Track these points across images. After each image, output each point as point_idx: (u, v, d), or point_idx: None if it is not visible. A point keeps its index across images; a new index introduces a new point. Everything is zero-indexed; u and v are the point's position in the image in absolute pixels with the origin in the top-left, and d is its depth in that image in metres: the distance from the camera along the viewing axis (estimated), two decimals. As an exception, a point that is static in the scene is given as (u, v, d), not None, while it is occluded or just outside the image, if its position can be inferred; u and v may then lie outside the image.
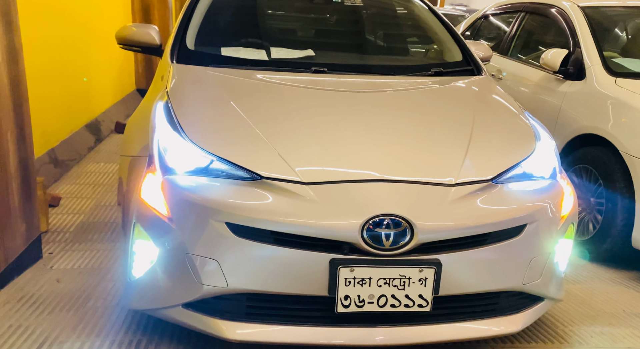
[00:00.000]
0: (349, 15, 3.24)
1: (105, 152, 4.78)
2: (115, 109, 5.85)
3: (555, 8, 3.97)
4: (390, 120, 2.04)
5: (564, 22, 3.80)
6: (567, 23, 3.75)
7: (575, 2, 3.84)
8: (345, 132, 1.93)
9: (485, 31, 5.14)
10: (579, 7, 3.76)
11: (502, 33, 4.74)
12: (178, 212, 1.73)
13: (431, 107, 2.17)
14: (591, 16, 3.69)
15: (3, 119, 2.29)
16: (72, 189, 3.83)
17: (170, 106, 2.04)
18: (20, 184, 2.47)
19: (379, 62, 2.77)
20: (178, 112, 1.99)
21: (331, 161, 1.80)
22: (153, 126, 1.96)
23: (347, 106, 2.11)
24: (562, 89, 3.46)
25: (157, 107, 2.05)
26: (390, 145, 1.89)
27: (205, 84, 2.23)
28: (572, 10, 3.75)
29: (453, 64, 2.76)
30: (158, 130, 1.91)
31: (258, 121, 1.93)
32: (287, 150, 1.81)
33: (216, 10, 2.93)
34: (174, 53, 2.50)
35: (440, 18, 3.13)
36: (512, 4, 4.73)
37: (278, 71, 2.44)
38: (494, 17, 5.09)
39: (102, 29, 5.44)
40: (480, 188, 1.77)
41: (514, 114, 2.22)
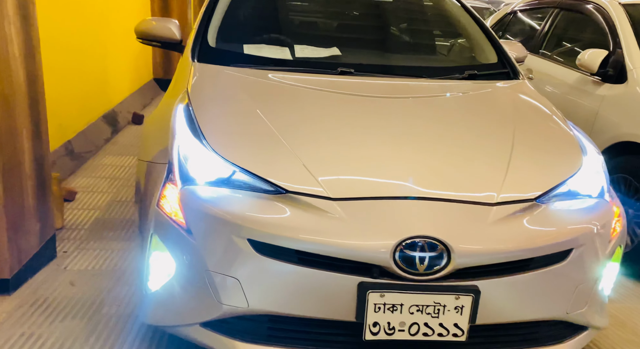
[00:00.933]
0: (376, 10, 3.09)
1: (121, 144, 4.70)
2: (132, 99, 5.77)
3: (593, 4, 3.77)
4: (423, 131, 1.90)
5: (603, 20, 3.60)
6: (606, 21, 3.55)
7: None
8: (376, 144, 1.80)
9: (515, 27, 4.94)
10: (620, 5, 3.56)
11: (533, 30, 4.54)
12: (197, 226, 1.62)
13: (467, 117, 2.03)
14: (633, 14, 3.49)
15: (19, 117, 2.20)
16: (88, 182, 3.76)
17: (191, 109, 1.93)
18: (35, 183, 2.39)
19: (408, 63, 2.63)
20: (199, 116, 1.88)
21: (361, 175, 1.68)
22: (173, 130, 1.86)
23: (377, 114, 1.97)
24: (600, 92, 3.29)
25: (177, 110, 1.95)
26: (424, 159, 1.76)
27: (227, 86, 2.12)
28: (612, 8, 3.56)
29: (487, 66, 2.61)
30: (179, 136, 1.81)
31: (283, 129, 1.81)
32: (314, 162, 1.69)
33: (238, 5, 2.80)
34: (195, 51, 2.38)
35: (473, 15, 2.96)
36: None
37: (302, 72, 2.32)
38: (524, 12, 4.88)
39: (119, 18, 5.35)
40: (523, 208, 1.64)
41: (558, 125, 2.07)
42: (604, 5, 3.64)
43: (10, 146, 2.15)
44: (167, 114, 2.05)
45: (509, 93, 2.31)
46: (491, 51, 2.72)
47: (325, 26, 2.98)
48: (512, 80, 2.47)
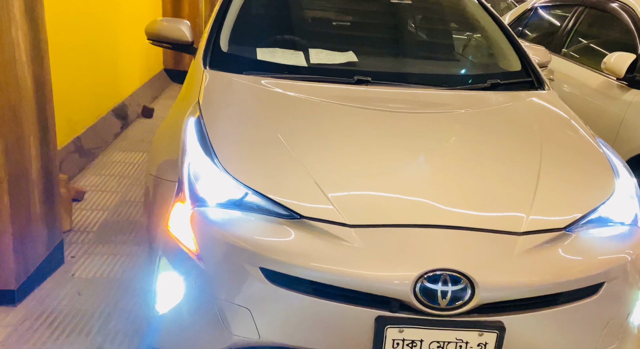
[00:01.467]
0: (392, 11, 2.97)
1: (131, 139, 4.64)
2: (142, 91, 5.70)
3: (619, 4, 3.62)
4: (445, 152, 1.80)
5: (631, 21, 3.46)
6: (634, 22, 3.41)
7: (644, -1, 3.49)
8: (396, 166, 1.71)
9: (535, 24, 4.78)
10: (649, 5, 3.42)
11: (554, 28, 4.39)
12: (208, 251, 1.55)
13: (491, 135, 1.92)
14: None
15: (26, 124, 2.14)
16: (96, 181, 3.71)
17: (202, 123, 1.85)
18: (42, 190, 2.33)
19: (427, 70, 2.51)
20: (211, 132, 1.79)
21: (380, 200, 1.60)
22: (184, 146, 1.78)
23: (397, 132, 1.87)
24: (626, 97, 3.16)
25: (188, 123, 1.86)
26: (447, 183, 1.66)
27: (240, 99, 2.02)
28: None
29: (511, 74, 2.49)
30: (189, 153, 1.73)
31: (299, 149, 1.73)
32: (331, 185, 1.60)
33: (250, 6, 2.70)
34: (207, 57, 2.29)
35: (496, 18, 2.84)
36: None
37: (318, 81, 2.22)
38: (545, 9, 4.72)
39: (131, 8, 5.25)
40: (551, 238, 1.55)
41: (588, 143, 1.96)
42: (632, 5, 3.50)
43: (17, 155, 2.09)
44: (177, 125, 1.97)
45: (535, 107, 2.20)
46: (514, 58, 2.60)
47: (340, 28, 2.87)
48: (537, 91, 2.36)
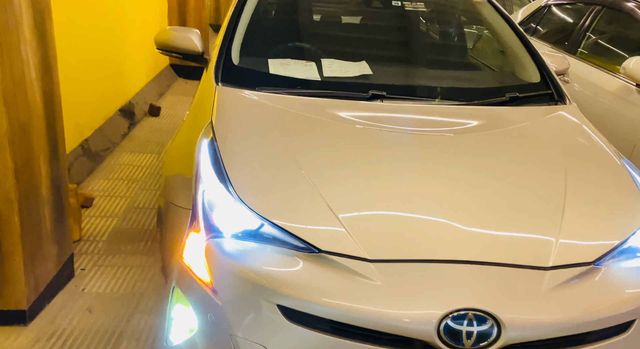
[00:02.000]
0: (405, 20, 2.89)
1: (139, 139, 4.59)
2: (149, 88, 5.64)
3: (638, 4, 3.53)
4: (465, 177, 1.73)
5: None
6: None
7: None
8: (416, 194, 1.65)
9: (549, 23, 4.67)
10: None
11: (569, 27, 4.28)
12: (223, 285, 1.52)
13: (513, 159, 1.86)
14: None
15: (36, 142, 2.09)
16: (105, 185, 3.67)
17: (216, 146, 1.80)
18: (52, 207, 2.30)
19: (444, 83, 2.44)
20: (225, 156, 1.75)
21: (401, 232, 1.55)
22: (198, 171, 1.73)
23: (416, 156, 1.81)
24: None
25: (202, 146, 1.81)
26: (469, 212, 1.61)
27: (253, 119, 1.97)
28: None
29: (530, 86, 2.42)
30: (204, 180, 1.68)
31: (315, 175, 1.68)
32: (350, 217, 1.56)
33: (261, 15, 2.64)
34: (219, 72, 2.24)
35: (513, 25, 2.76)
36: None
37: (332, 97, 2.16)
38: (560, 7, 4.62)
39: (136, 3, 5.17)
40: (580, 273, 1.50)
41: (614, 166, 1.89)
42: (652, 7, 3.40)
43: (28, 174, 2.05)
44: (189, 145, 1.92)
45: (557, 126, 2.12)
46: (533, 68, 2.53)
47: (352, 35, 2.80)
48: (558, 105, 2.29)
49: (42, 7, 2.03)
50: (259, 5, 2.66)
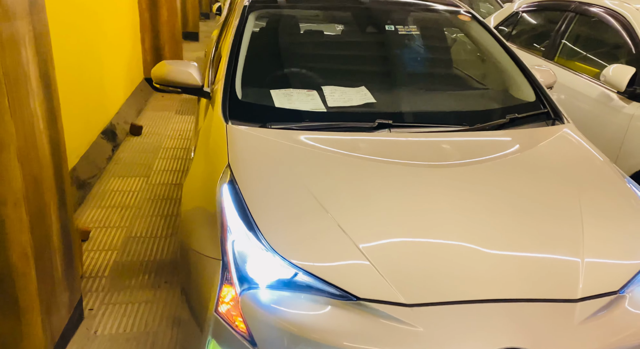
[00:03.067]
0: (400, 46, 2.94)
1: (124, 162, 4.53)
2: (128, 106, 5.55)
3: (614, 14, 3.66)
4: (486, 209, 1.77)
5: (625, 31, 3.50)
6: (629, 35, 3.45)
7: (639, 9, 3.53)
8: (442, 229, 1.69)
9: (523, 29, 4.79)
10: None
11: (544, 34, 4.41)
12: (261, 337, 1.53)
13: (529, 187, 1.91)
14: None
15: (47, 191, 2.05)
16: (98, 215, 3.61)
17: (238, 191, 1.80)
18: (63, 254, 2.26)
19: (446, 107, 2.49)
20: (249, 202, 1.75)
21: (434, 273, 1.59)
22: (224, 220, 1.73)
23: (436, 189, 1.84)
24: (628, 110, 3.21)
25: (223, 192, 1.81)
26: (494, 245, 1.66)
27: (271, 159, 1.96)
28: (637, 21, 3.45)
29: (527, 106, 2.50)
30: (232, 230, 1.69)
31: (341, 217, 1.70)
32: (383, 260, 1.59)
33: (258, 47, 2.63)
34: (226, 108, 2.23)
35: (502, 43, 2.84)
36: (556, 1, 4.39)
37: (341, 129, 2.19)
38: (532, 14, 4.74)
39: (110, 21, 5.07)
40: (608, 302, 1.57)
41: (621, 186, 1.97)
42: (627, 15, 3.53)
43: (41, 226, 2.01)
44: (207, 189, 1.92)
45: (563, 148, 2.18)
46: (527, 86, 2.61)
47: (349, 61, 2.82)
48: (558, 126, 2.37)
49: (46, 55, 1.99)
50: (254, 35, 2.66)
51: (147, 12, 6.35)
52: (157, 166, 4.47)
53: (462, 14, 2.95)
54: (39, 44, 1.92)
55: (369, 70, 2.74)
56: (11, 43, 1.70)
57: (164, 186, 4.11)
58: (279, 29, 2.88)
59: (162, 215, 3.65)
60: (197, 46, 10.26)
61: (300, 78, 2.64)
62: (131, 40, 5.95)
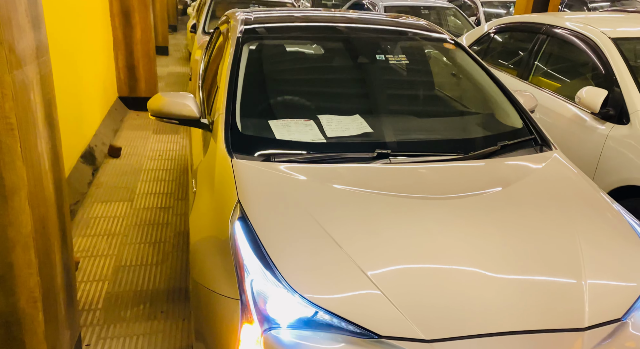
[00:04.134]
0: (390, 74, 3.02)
1: (106, 186, 4.47)
2: (104, 127, 5.48)
3: (582, 37, 3.84)
4: (491, 240, 1.84)
5: (595, 55, 3.68)
6: (598, 57, 3.63)
7: (605, 33, 3.72)
8: (455, 262, 1.76)
9: (496, 50, 4.96)
10: (611, 40, 3.65)
11: (517, 55, 4.59)
12: (288, 375, 1.56)
13: (528, 216, 1.98)
14: (625, 50, 3.58)
15: (52, 232, 2.03)
16: (85, 244, 3.56)
17: (252, 229, 1.83)
18: (66, 292, 2.23)
19: (441, 135, 2.58)
20: (264, 239, 1.78)
21: (451, 305, 1.65)
22: (239, 259, 1.75)
23: (442, 224, 1.89)
24: (602, 131, 3.38)
25: (236, 230, 1.84)
26: (504, 275, 1.74)
27: (280, 194, 1.98)
28: (603, 44, 3.63)
29: (515, 132, 2.61)
30: (250, 270, 1.71)
31: (355, 252, 1.75)
32: (401, 296, 1.64)
33: (252, 76, 2.67)
34: (229, 143, 2.26)
35: (484, 68, 2.96)
36: (526, 23, 4.57)
37: (342, 160, 2.24)
38: (504, 35, 4.92)
39: (85, 40, 5.01)
40: (612, 330, 1.66)
41: (614, 214, 2.09)
42: (595, 40, 3.71)
43: (48, 267, 1.99)
44: (218, 225, 1.94)
45: (555, 176, 2.29)
46: (513, 113, 2.73)
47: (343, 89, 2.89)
48: (547, 152, 2.48)
49: (50, 96, 1.98)
50: (249, 66, 2.70)
51: (121, 30, 6.29)
52: (140, 189, 4.43)
53: (448, 41, 3.06)
54: (44, 85, 1.91)
55: (362, 98, 2.81)
56: (22, 89, 1.69)
57: (149, 211, 4.07)
58: (272, 60, 2.92)
59: (150, 242, 3.63)
60: (167, 61, 10.19)
61: (296, 107, 2.69)
62: (105, 59, 5.89)
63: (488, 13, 10.31)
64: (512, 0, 10.64)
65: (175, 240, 3.65)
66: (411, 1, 8.10)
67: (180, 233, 3.75)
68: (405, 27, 3.13)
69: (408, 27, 3.12)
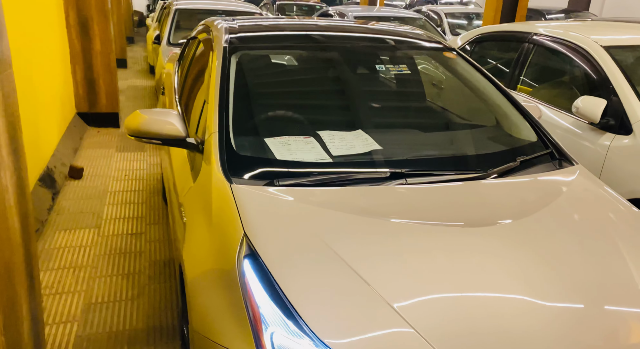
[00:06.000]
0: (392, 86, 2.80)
1: (68, 212, 4.06)
2: (63, 146, 5.05)
3: (572, 45, 3.74)
4: (530, 268, 1.62)
5: (587, 64, 3.58)
6: (592, 66, 3.53)
7: (597, 41, 3.62)
8: (496, 304, 1.52)
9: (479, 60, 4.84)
10: (603, 48, 3.55)
11: (502, 64, 4.48)
12: None
13: (569, 239, 1.79)
14: (619, 58, 3.49)
15: (17, 278, 1.69)
16: (48, 280, 3.16)
17: (264, 267, 1.55)
18: (32, 334, 1.88)
19: (454, 151, 2.36)
20: (281, 280, 1.51)
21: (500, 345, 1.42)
22: (254, 308, 1.47)
23: (478, 256, 1.65)
24: (603, 141, 3.26)
25: (245, 270, 1.55)
26: (556, 307, 1.52)
27: (290, 223, 1.71)
28: (596, 53, 3.53)
29: (530, 146, 2.43)
30: (268, 319, 1.43)
31: (388, 292, 1.49)
32: (441, 342, 1.40)
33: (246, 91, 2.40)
34: (225, 167, 1.97)
35: (489, 77, 2.78)
36: (509, 32, 4.47)
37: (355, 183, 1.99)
38: (487, 44, 4.81)
39: (40, 52, 4.60)
40: None
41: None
42: (586, 49, 3.61)
43: (13, 325, 1.65)
44: (222, 265, 1.65)
45: (584, 192, 2.11)
46: (523, 123, 2.55)
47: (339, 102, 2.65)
48: (570, 167, 2.29)
49: (14, 118, 1.64)
50: (239, 80, 2.42)
51: (78, 41, 5.88)
52: (107, 214, 4.04)
53: (448, 50, 2.87)
54: (7, 105, 1.58)
55: (363, 111, 2.58)
56: (-18, 108, 1.37)
57: (119, 237, 3.70)
58: (264, 71, 2.65)
59: (123, 274, 3.26)
60: (127, 73, 9.72)
61: (293, 123, 2.43)
62: (62, 73, 5.46)
63: (451, 24, 10.34)
64: (474, 12, 10.71)
65: (152, 270, 3.30)
66: (380, 12, 8.00)
67: (156, 262, 3.40)
68: (406, 37, 2.92)
69: (408, 37, 2.91)
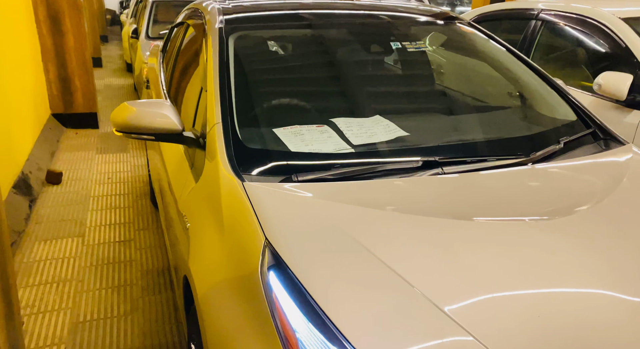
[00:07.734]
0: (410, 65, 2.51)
1: (48, 220, 3.70)
2: (38, 149, 4.68)
3: (586, 19, 3.50)
4: (620, 271, 1.38)
5: (605, 38, 3.34)
6: (611, 40, 3.29)
7: (614, 14, 3.39)
8: (563, 313, 1.26)
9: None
10: (622, 20, 3.31)
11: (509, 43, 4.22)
12: None
13: (628, 239, 1.53)
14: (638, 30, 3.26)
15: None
16: (29, 297, 2.82)
17: (295, 280, 1.26)
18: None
19: (491, 134, 2.09)
20: (318, 296, 1.21)
21: None
22: (287, 329, 1.17)
23: (547, 253, 1.40)
24: (630, 120, 3.02)
25: (272, 284, 1.25)
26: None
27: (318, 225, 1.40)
28: (615, 26, 3.29)
29: (571, 126, 2.17)
30: (305, 343, 1.14)
31: (445, 300, 1.21)
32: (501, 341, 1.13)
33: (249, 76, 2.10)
34: (233, 160, 1.66)
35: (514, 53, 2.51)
36: (514, 10, 4.22)
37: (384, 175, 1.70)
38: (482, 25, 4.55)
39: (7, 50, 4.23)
40: None
41: None
42: (604, 22, 3.37)
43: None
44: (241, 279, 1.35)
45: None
46: (561, 103, 2.28)
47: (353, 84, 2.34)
48: (620, 148, 2.04)
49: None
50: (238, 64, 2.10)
51: (50, 38, 5.48)
52: (91, 221, 3.70)
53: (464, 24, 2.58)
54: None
55: (379, 95, 2.28)
56: None
57: (105, 246, 3.36)
58: (265, 54, 2.34)
59: (113, 286, 2.93)
60: (102, 73, 9.28)
61: (302, 110, 2.12)
62: (32, 72, 5.07)
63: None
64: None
65: (145, 281, 2.98)
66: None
67: (149, 272, 3.08)
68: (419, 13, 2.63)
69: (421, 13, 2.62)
